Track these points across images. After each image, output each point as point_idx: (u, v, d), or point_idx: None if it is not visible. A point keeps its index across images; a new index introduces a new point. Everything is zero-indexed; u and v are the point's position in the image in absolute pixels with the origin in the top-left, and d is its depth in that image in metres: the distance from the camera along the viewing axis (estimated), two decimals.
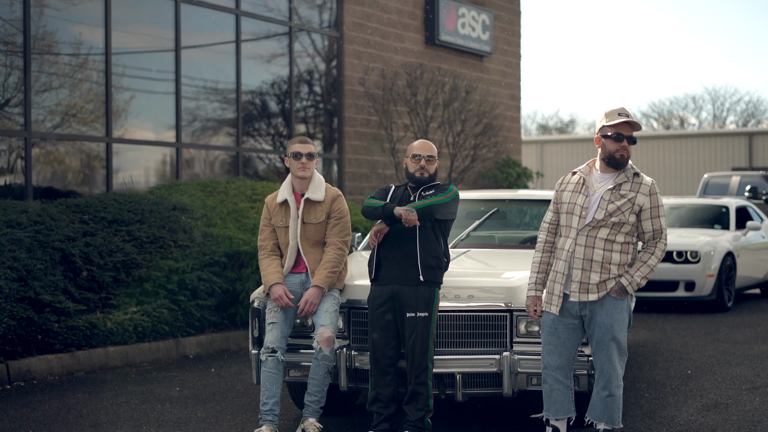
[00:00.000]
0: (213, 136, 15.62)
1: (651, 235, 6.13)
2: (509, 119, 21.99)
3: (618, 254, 6.09)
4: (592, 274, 6.07)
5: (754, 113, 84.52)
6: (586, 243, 6.09)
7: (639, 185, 6.12)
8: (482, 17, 20.56)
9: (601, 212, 6.06)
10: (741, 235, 15.71)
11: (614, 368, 6.11)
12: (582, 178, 6.23)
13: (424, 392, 6.45)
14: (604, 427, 6.19)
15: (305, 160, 6.83)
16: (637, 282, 6.07)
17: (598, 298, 6.07)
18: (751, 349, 10.83)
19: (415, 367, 6.44)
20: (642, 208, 6.09)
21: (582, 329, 6.21)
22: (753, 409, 7.74)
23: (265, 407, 6.57)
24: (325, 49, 17.65)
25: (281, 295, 6.64)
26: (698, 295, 14.35)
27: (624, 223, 6.07)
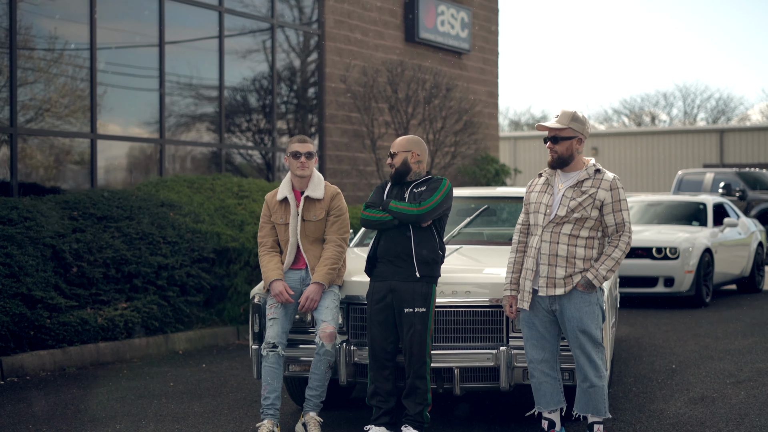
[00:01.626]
0: (196, 133, 15.67)
1: (614, 228, 6.30)
2: (487, 116, 22.15)
3: (583, 249, 6.28)
4: (558, 269, 6.26)
5: (724, 110, 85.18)
6: (551, 239, 6.29)
7: (600, 181, 6.31)
8: (461, 15, 20.70)
9: (563, 209, 6.26)
10: (718, 232, 15.92)
11: (590, 359, 6.27)
12: (547, 178, 6.45)
13: (423, 387, 6.55)
14: (593, 419, 6.34)
15: (304, 159, 6.94)
16: (602, 275, 6.23)
17: (565, 293, 6.25)
18: (731, 344, 11.02)
19: (413, 362, 6.54)
20: (603, 202, 6.27)
21: (557, 322, 6.38)
22: (739, 403, 7.91)
23: (266, 401, 6.67)
24: (306, 45, 17.73)
25: (281, 291, 6.74)
26: (677, 290, 14.54)
27: (587, 218, 6.26)
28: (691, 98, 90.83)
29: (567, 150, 6.34)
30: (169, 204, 11.59)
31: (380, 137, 17.88)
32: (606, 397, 6.37)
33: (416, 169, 6.80)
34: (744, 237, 16.81)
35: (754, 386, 8.57)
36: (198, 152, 15.75)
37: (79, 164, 13.87)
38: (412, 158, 6.78)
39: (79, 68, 13.63)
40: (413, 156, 6.78)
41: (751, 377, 9.00)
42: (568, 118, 6.35)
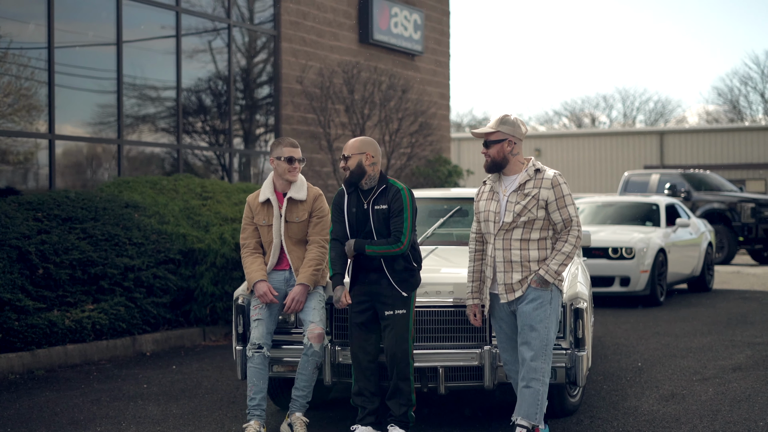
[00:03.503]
0: (154, 133, 15.60)
1: (562, 225, 6.34)
2: (439, 117, 22.28)
3: (536, 251, 6.33)
4: (514, 274, 6.31)
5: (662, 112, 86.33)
6: (503, 246, 6.34)
7: (541, 180, 6.34)
8: (414, 17, 20.81)
9: (509, 215, 6.31)
10: (671, 232, 16.19)
11: (533, 359, 6.25)
12: (491, 185, 6.51)
13: (406, 388, 6.59)
14: (519, 422, 6.29)
15: (297, 164, 6.97)
16: (554, 270, 6.26)
17: (522, 294, 6.31)
18: (691, 342, 11.22)
19: (396, 363, 6.57)
20: (547, 201, 6.30)
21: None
22: (709, 399, 8.08)
23: (252, 402, 6.69)
24: (263, 46, 17.73)
25: (266, 291, 6.77)
26: (633, 290, 14.77)
27: (534, 220, 6.30)
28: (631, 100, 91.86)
29: (499, 153, 6.38)
30: (133, 205, 11.54)
31: (336, 138, 17.93)
32: (540, 404, 6.28)
33: (370, 171, 6.73)
34: (695, 237, 17.11)
35: (721, 383, 8.76)
36: (156, 153, 15.68)
37: (36, 165, 13.74)
38: (366, 160, 6.71)
39: (36, 69, 13.50)
40: (367, 158, 6.72)
41: (716, 374, 9.19)
42: (498, 122, 6.40)
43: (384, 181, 6.77)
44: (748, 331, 12.08)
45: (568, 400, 7.43)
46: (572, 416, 7.51)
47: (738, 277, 20.46)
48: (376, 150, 6.82)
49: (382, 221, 6.65)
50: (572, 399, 7.51)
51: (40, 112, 13.54)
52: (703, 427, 7.12)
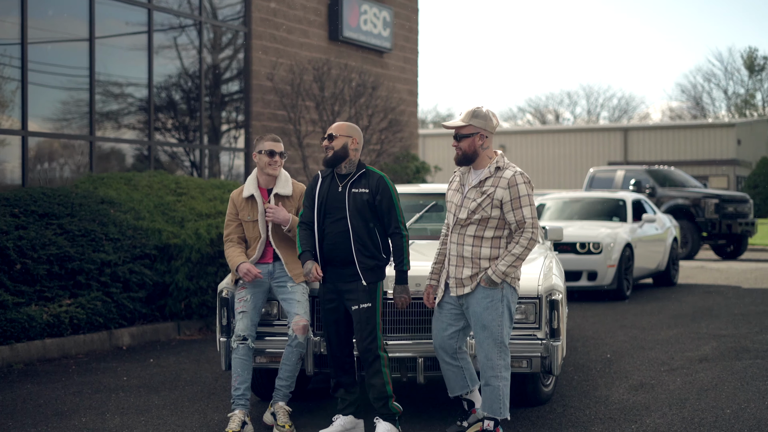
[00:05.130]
0: (125, 129, 15.68)
1: (516, 225, 6.38)
2: (407, 114, 22.47)
3: (488, 249, 6.41)
4: (464, 269, 6.42)
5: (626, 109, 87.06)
6: (457, 240, 6.48)
7: (499, 179, 6.37)
8: (383, 14, 20.98)
9: (464, 211, 6.42)
10: (637, 227, 16.47)
11: (487, 357, 6.39)
12: (459, 177, 6.63)
13: (379, 382, 6.61)
14: (486, 416, 6.47)
15: (278, 158, 7.13)
16: (501, 270, 6.31)
17: (471, 290, 6.42)
18: (658, 334, 11.48)
19: (366, 358, 6.63)
20: (502, 201, 6.34)
21: (464, 316, 6.59)
22: (677, 389, 8.32)
23: (237, 392, 6.85)
24: (233, 43, 17.83)
25: (248, 269, 6.91)
26: (600, 284, 15.03)
27: (489, 218, 6.38)
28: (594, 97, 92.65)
29: (470, 147, 6.45)
30: (109, 201, 11.64)
31: (307, 135, 18.07)
32: (503, 397, 6.43)
33: (353, 156, 6.77)
34: (661, 232, 17.41)
35: (688, 373, 9.01)
36: (127, 149, 15.76)
37: (8, 161, 13.79)
38: (352, 144, 6.76)
39: (9, 66, 13.55)
40: (353, 142, 6.77)
41: (683, 365, 9.44)
42: (469, 115, 6.47)
43: (362, 167, 6.82)
44: (713, 323, 12.36)
45: (541, 390, 7.64)
46: (546, 405, 7.72)
47: (702, 272, 20.81)
48: (361, 139, 6.89)
49: (359, 205, 6.64)
50: (546, 388, 7.73)
51: (12, 109, 13.59)
52: (672, 415, 7.35)
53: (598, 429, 6.98)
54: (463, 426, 6.66)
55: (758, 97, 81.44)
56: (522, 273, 7.23)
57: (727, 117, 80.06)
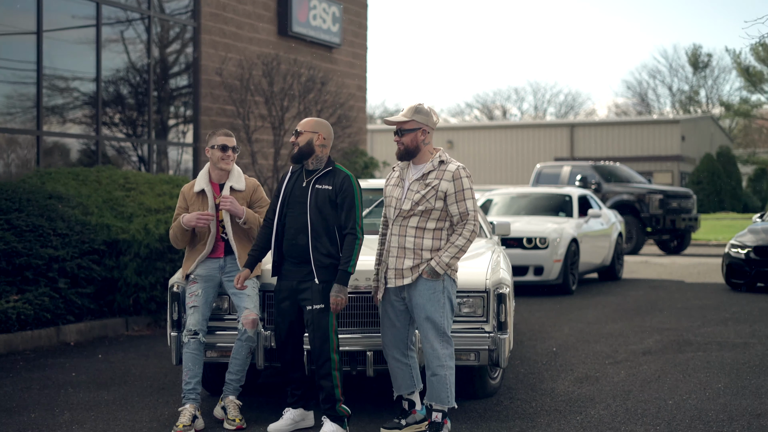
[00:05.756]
0: (73, 124, 15.59)
1: (458, 217, 6.54)
2: (356, 109, 22.52)
3: (430, 240, 6.55)
4: (406, 260, 6.54)
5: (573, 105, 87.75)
6: (399, 232, 6.60)
7: (443, 172, 6.53)
8: (332, 9, 21.01)
9: (407, 203, 6.55)
10: (583, 223, 16.68)
11: (432, 348, 6.51)
12: (400, 172, 6.75)
13: (328, 384, 6.63)
14: (435, 408, 6.59)
15: (230, 152, 7.17)
16: (445, 262, 6.46)
17: (412, 281, 6.53)
18: (603, 328, 11.67)
19: (317, 360, 6.65)
20: (446, 193, 6.50)
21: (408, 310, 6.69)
22: (621, 381, 8.49)
23: (188, 386, 6.88)
24: (182, 38, 17.78)
25: (192, 215, 7.02)
26: (546, 279, 15.21)
27: (432, 210, 6.52)
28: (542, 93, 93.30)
29: (412, 142, 6.59)
30: (57, 196, 11.59)
31: (256, 130, 18.08)
32: (449, 386, 6.56)
33: (319, 152, 6.80)
34: (606, 228, 17.64)
35: (632, 366, 9.19)
36: (75, 144, 15.67)
37: None
38: (317, 140, 6.78)
39: None
40: (319, 138, 6.79)
41: (627, 358, 9.62)
42: (412, 111, 6.62)
43: (330, 164, 6.84)
44: (657, 317, 12.58)
45: (489, 383, 7.76)
46: (493, 398, 7.84)
47: (646, 267, 21.12)
48: (329, 134, 6.89)
49: (321, 201, 6.65)
50: (493, 381, 7.85)
51: None
52: (617, 406, 7.51)
53: (544, 421, 7.11)
54: (401, 424, 6.76)
55: (702, 93, 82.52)
56: (470, 267, 7.37)
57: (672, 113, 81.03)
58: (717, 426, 6.90)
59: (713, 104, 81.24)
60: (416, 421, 6.80)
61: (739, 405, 7.52)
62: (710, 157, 52.76)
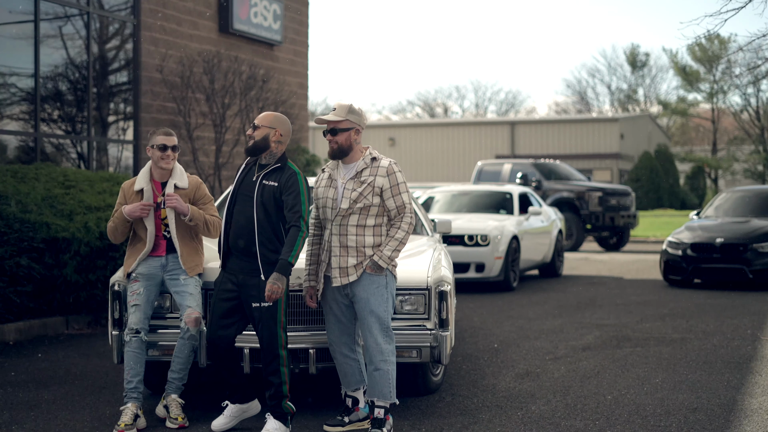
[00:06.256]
0: (10, 121, 15.41)
1: (396, 211, 6.68)
2: (298, 107, 22.50)
3: (371, 237, 6.65)
4: (349, 258, 6.62)
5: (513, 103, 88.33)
6: (339, 231, 6.66)
7: (377, 168, 6.66)
8: (273, 7, 20.96)
9: (345, 201, 6.62)
10: (524, 220, 16.82)
11: (376, 342, 6.59)
12: (330, 173, 6.82)
13: (276, 381, 6.64)
14: (377, 403, 6.65)
15: (170, 152, 7.15)
16: (387, 255, 6.58)
17: (357, 278, 6.61)
18: (543, 324, 11.79)
19: (265, 357, 6.66)
20: (382, 188, 6.63)
21: (353, 306, 6.76)
22: (561, 377, 8.59)
23: (129, 385, 6.86)
24: (122, 34, 17.64)
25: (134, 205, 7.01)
26: (487, 276, 15.33)
27: (370, 206, 6.62)
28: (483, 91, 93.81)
29: (346, 141, 6.66)
30: None
31: (197, 127, 17.99)
32: (392, 382, 6.64)
33: (274, 148, 6.75)
34: (546, 225, 17.81)
35: (572, 361, 9.30)
36: (13, 141, 15.49)
37: None
38: (274, 136, 6.73)
39: None
40: (276, 134, 6.73)
41: (567, 354, 9.74)
42: (345, 110, 6.70)
43: (282, 161, 6.79)
44: (596, 313, 12.74)
45: (431, 379, 7.82)
46: (435, 394, 7.90)
47: (586, 264, 21.35)
48: (287, 131, 6.84)
49: (266, 197, 6.63)
50: (435, 378, 7.90)
51: None
52: (557, 402, 7.60)
53: (486, 417, 7.18)
54: (344, 421, 6.81)
55: (640, 92, 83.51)
56: (411, 265, 7.44)
57: (611, 112, 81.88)
58: (654, 420, 7.02)
59: (651, 103, 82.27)
60: (359, 418, 6.85)
61: (676, 399, 7.65)
62: (648, 155, 53.44)
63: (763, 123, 69.26)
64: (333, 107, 6.77)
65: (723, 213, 17.59)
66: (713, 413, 7.19)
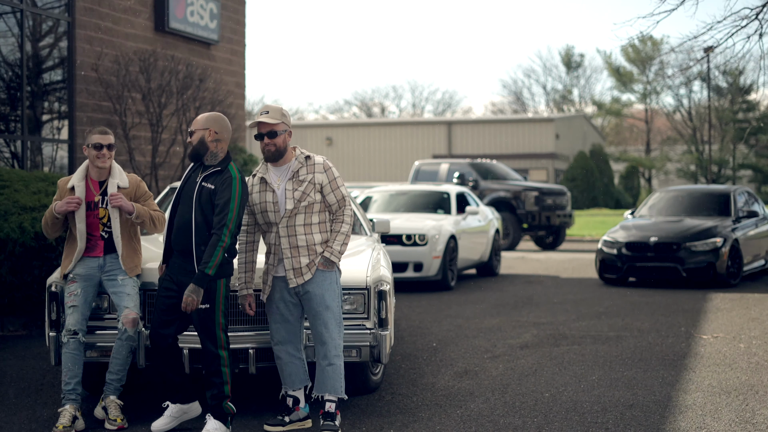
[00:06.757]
0: None
1: (336, 206, 6.84)
2: (235, 107, 22.38)
3: (318, 234, 6.78)
4: (302, 258, 6.71)
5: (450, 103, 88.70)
6: (288, 233, 6.73)
7: (313, 166, 6.80)
8: (210, 5, 20.83)
9: (290, 202, 6.70)
10: (461, 220, 16.92)
11: (332, 337, 6.70)
12: (261, 177, 6.85)
13: (218, 381, 6.64)
14: (328, 398, 6.72)
15: (106, 151, 7.10)
16: (337, 250, 6.75)
17: (312, 276, 6.70)
18: (481, 323, 11.88)
19: (205, 357, 6.67)
20: (322, 184, 6.78)
21: (301, 305, 6.82)
22: (499, 375, 8.67)
23: (67, 387, 6.80)
24: (57, 32, 17.43)
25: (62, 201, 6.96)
26: (426, 275, 15.39)
27: (313, 203, 6.75)
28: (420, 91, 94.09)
29: (283, 143, 6.75)
30: None
31: (133, 127, 17.83)
32: (342, 376, 6.76)
33: (213, 148, 6.75)
34: (483, 224, 17.92)
35: (510, 360, 9.39)
36: None
37: None
38: (209, 136, 6.71)
39: None
40: (210, 134, 6.72)
41: (505, 352, 9.83)
42: (280, 113, 6.81)
43: (225, 163, 6.76)
44: (533, 312, 12.86)
45: (370, 378, 7.85)
46: (374, 393, 7.94)
47: (523, 263, 21.53)
48: (222, 126, 6.82)
49: (204, 200, 6.64)
50: (374, 377, 7.94)
51: None
52: (495, 400, 7.67)
53: (426, 415, 7.23)
54: (284, 421, 6.83)
55: (575, 92, 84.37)
56: (350, 264, 7.49)
57: (546, 112, 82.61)
58: (591, 417, 7.12)
59: (586, 103, 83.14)
60: (299, 418, 6.87)
61: (613, 396, 7.76)
62: (583, 155, 53.99)
63: (695, 123, 70.36)
64: (264, 110, 6.79)
65: (657, 212, 17.85)
66: (649, 409, 7.31)
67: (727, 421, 6.98)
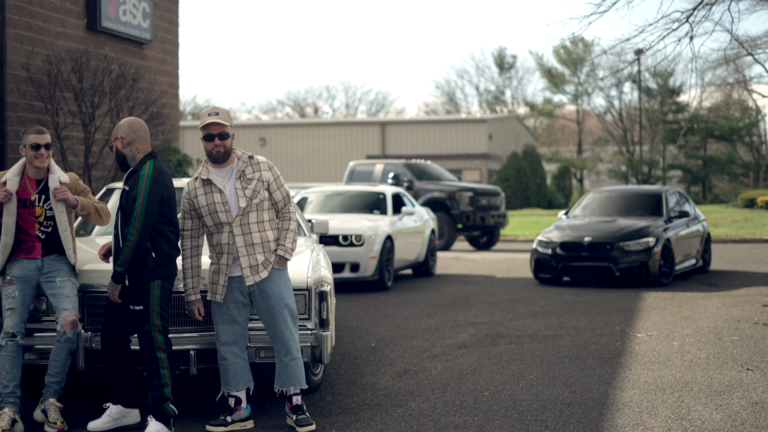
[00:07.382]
0: None
1: (282, 202, 7.01)
2: (169, 107, 22.22)
3: (270, 231, 6.90)
4: (258, 256, 6.80)
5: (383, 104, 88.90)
6: (242, 231, 6.80)
7: (258, 165, 6.94)
8: (143, 5, 20.67)
9: (243, 200, 6.79)
10: (397, 220, 16.97)
11: (291, 333, 6.84)
12: (204, 179, 6.90)
13: (157, 383, 6.64)
14: (294, 392, 6.86)
15: (44, 150, 7.03)
16: (290, 247, 6.90)
17: (268, 273, 6.81)
18: (419, 323, 11.93)
19: (143, 359, 6.67)
20: (269, 182, 6.92)
21: (250, 305, 6.90)
22: (438, 374, 8.73)
23: (6, 390, 6.72)
24: None
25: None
26: (362, 275, 15.43)
27: (263, 201, 6.87)
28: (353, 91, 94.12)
29: (230, 144, 6.87)
30: None
31: (65, 127, 17.62)
32: (303, 369, 6.93)
33: (129, 152, 6.80)
34: (419, 225, 18.00)
35: (448, 359, 9.45)
36: None
37: None
38: (120, 144, 6.80)
39: None
40: (120, 141, 6.80)
41: (443, 352, 9.89)
42: (228, 115, 6.92)
43: (141, 163, 6.78)
44: (470, 312, 12.95)
45: (311, 378, 7.85)
46: (315, 393, 7.95)
47: (458, 263, 21.65)
48: (129, 130, 6.83)
49: (125, 203, 6.73)
50: (315, 377, 7.95)
51: None
52: (435, 399, 7.73)
53: (367, 415, 7.26)
54: (226, 421, 6.83)
55: (508, 93, 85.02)
56: (291, 265, 7.48)
57: (479, 113, 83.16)
58: (531, 415, 7.20)
59: (518, 104, 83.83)
60: (242, 418, 6.88)
61: (551, 394, 7.86)
62: (516, 156, 54.43)
63: (625, 124, 71.30)
64: (213, 112, 6.82)
65: (590, 212, 18.07)
66: (587, 407, 7.41)
67: (663, 417, 7.10)
